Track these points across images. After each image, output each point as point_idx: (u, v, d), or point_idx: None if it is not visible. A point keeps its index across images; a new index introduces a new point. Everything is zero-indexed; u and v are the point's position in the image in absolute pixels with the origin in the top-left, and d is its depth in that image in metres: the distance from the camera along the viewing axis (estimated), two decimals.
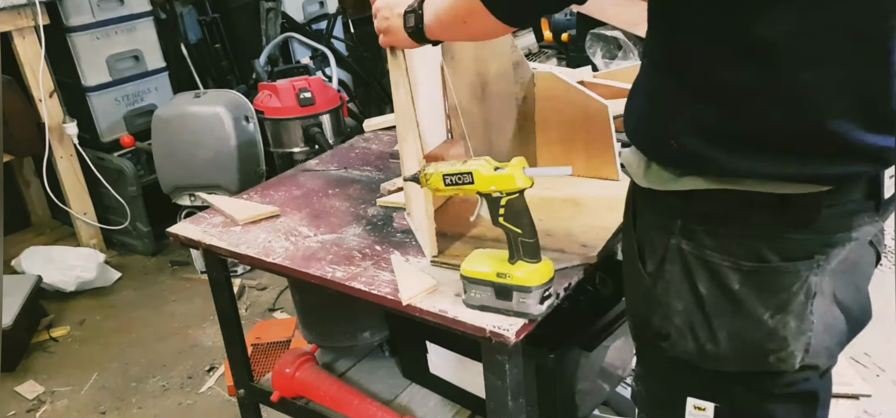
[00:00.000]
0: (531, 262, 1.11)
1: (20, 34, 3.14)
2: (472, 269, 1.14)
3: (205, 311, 2.99)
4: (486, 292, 1.13)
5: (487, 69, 1.53)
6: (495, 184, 1.09)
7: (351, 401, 1.61)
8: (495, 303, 1.13)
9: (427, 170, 1.18)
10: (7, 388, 2.64)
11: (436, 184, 1.16)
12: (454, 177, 1.13)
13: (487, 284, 1.13)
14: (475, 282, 1.14)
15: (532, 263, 1.11)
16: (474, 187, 1.12)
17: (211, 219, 1.62)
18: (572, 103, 1.50)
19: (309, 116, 3.08)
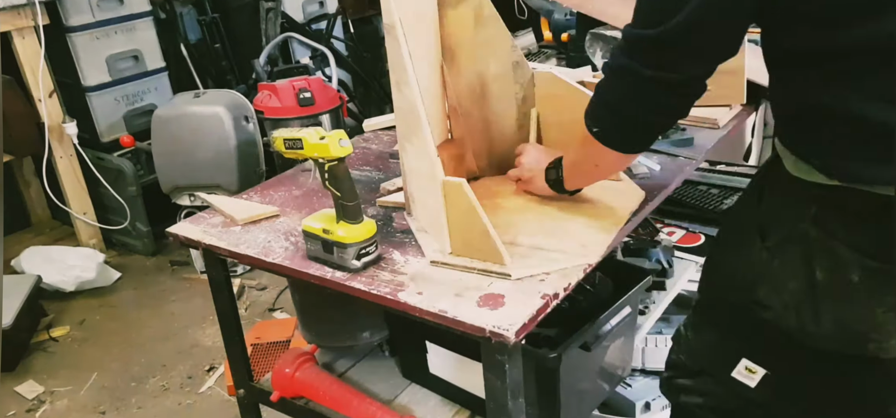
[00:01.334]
0: (352, 223, 1.26)
1: (20, 34, 3.14)
2: (309, 225, 1.33)
3: (204, 311, 2.99)
4: (317, 245, 1.32)
5: (487, 69, 1.53)
6: (318, 151, 1.25)
7: (351, 401, 1.61)
8: (323, 255, 1.31)
9: (274, 134, 1.34)
10: (7, 388, 2.63)
11: (279, 146, 1.32)
12: (290, 142, 1.29)
13: (317, 238, 1.31)
14: (309, 235, 1.33)
15: (353, 224, 1.26)
16: (304, 152, 1.27)
17: (211, 219, 1.62)
18: (572, 103, 1.49)
19: (309, 116, 3.08)
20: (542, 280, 1.21)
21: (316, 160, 1.27)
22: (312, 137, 1.26)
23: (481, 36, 1.49)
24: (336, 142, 1.24)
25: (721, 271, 1.24)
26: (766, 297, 1.10)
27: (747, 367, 1.18)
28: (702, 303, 1.32)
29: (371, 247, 1.29)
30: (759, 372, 1.17)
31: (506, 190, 1.56)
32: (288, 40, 4.00)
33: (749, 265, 1.13)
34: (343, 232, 1.27)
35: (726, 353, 1.22)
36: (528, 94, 1.54)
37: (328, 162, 1.25)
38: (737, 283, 1.16)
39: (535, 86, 1.54)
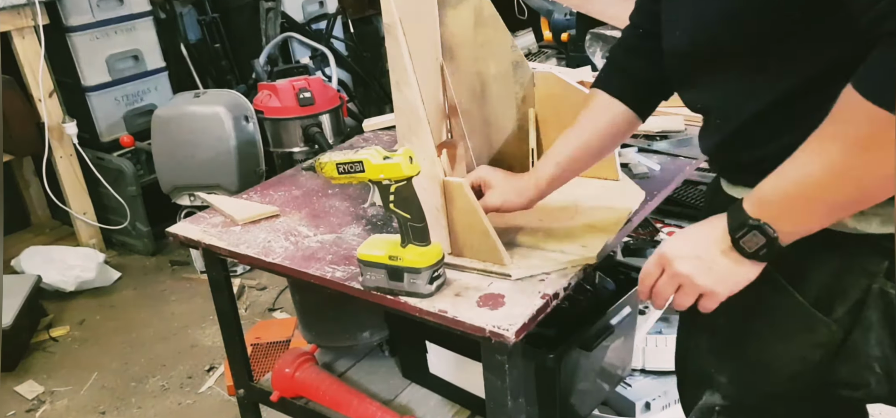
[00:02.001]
0: (421, 245, 1.17)
1: (20, 34, 3.14)
2: (366, 253, 1.22)
3: (204, 311, 2.99)
4: (379, 274, 1.21)
5: (487, 69, 1.53)
6: (384, 172, 1.15)
7: (351, 401, 1.61)
8: (389, 284, 1.21)
9: (321, 159, 1.23)
10: (7, 388, 2.63)
11: (330, 172, 1.21)
12: (346, 166, 1.19)
13: (381, 266, 1.20)
14: (369, 264, 1.22)
15: (422, 246, 1.17)
16: (365, 175, 1.17)
17: (210, 219, 1.62)
18: (572, 103, 1.49)
19: (308, 116, 3.08)
20: (542, 280, 1.21)
21: (379, 182, 1.16)
22: (375, 158, 1.15)
23: (481, 36, 1.49)
24: (407, 160, 1.14)
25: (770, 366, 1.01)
26: (852, 375, 0.95)
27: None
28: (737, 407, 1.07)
29: (441, 269, 1.20)
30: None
31: None
32: (288, 40, 4.00)
33: (815, 346, 0.96)
34: (413, 256, 1.17)
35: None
36: (528, 94, 1.54)
37: (396, 182, 1.14)
38: (800, 369, 0.98)
39: (535, 86, 1.54)
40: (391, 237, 1.22)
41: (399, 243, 1.18)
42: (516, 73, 1.52)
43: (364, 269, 1.23)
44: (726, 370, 1.07)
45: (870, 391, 0.96)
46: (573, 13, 3.02)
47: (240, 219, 1.56)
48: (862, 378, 0.95)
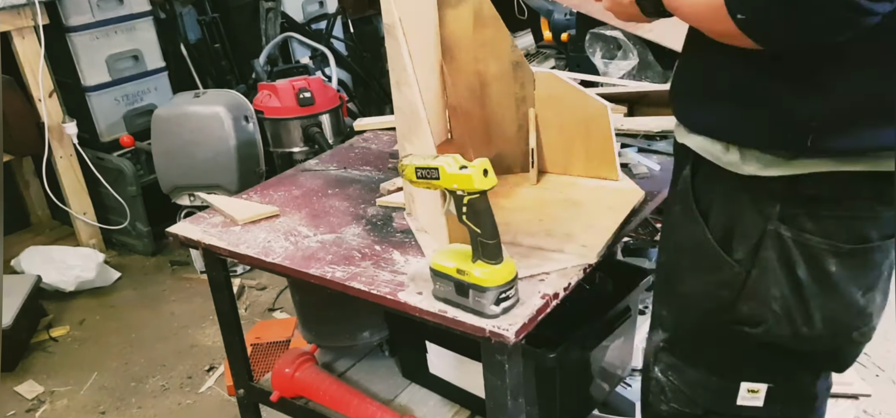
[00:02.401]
0: (491, 263, 1.12)
1: (20, 34, 3.14)
2: (438, 263, 1.18)
3: (204, 311, 2.99)
4: (448, 286, 1.17)
5: (487, 69, 1.53)
6: (458, 182, 1.11)
7: (350, 401, 1.61)
8: (455, 297, 1.16)
9: (404, 161, 1.21)
10: (7, 388, 2.63)
11: (409, 175, 1.19)
12: (424, 172, 1.16)
13: (449, 279, 1.16)
14: (439, 275, 1.18)
15: (492, 264, 1.12)
16: (440, 183, 1.14)
17: (210, 219, 1.62)
18: (572, 104, 1.50)
19: (308, 116, 3.08)
20: (542, 280, 1.21)
21: (453, 192, 1.13)
22: (451, 167, 1.12)
23: (481, 36, 1.49)
24: (480, 173, 1.10)
25: (688, 298, 1.12)
26: (752, 313, 1.03)
27: (749, 389, 1.11)
28: (673, 341, 1.17)
29: (511, 291, 1.13)
30: (761, 388, 1.10)
31: (506, 190, 1.56)
32: (288, 40, 4.00)
33: (722, 284, 1.05)
34: (481, 273, 1.12)
35: (724, 385, 1.12)
36: (528, 94, 1.54)
37: (469, 195, 1.11)
38: (712, 306, 1.07)
39: (535, 86, 1.54)
40: (465, 248, 1.17)
41: (470, 256, 1.14)
42: (516, 73, 1.52)
43: (434, 278, 1.19)
44: (665, 304, 1.18)
45: (769, 328, 1.02)
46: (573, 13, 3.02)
47: (240, 218, 1.56)
48: (761, 316, 1.02)
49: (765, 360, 1.08)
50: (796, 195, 0.96)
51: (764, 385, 1.10)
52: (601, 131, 1.49)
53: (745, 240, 1.01)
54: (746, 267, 1.01)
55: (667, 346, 1.17)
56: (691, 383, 1.15)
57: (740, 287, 1.03)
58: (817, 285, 0.98)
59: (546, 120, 1.56)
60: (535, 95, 1.55)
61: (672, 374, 1.17)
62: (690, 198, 1.07)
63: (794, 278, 0.99)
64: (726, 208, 1.03)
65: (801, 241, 0.97)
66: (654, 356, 1.21)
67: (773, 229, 0.98)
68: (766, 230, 0.98)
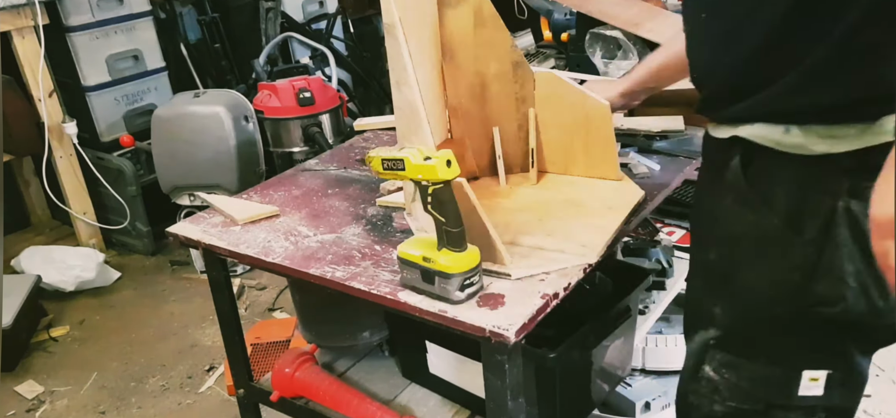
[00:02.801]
0: (456, 251, 1.15)
1: (19, 34, 3.14)
2: (405, 251, 1.22)
3: (204, 311, 2.99)
4: (414, 273, 1.20)
5: (487, 69, 1.53)
6: (422, 173, 1.14)
7: (350, 401, 1.61)
8: (422, 285, 1.20)
9: (371, 153, 1.24)
10: (7, 388, 2.64)
11: (376, 167, 1.22)
12: (390, 163, 1.19)
13: (416, 266, 1.19)
14: (406, 263, 1.21)
15: (456, 251, 1.15)
16: (405, 174, 1.17)
17: (210, 219, 1.62)
18: (572, 103, 1.50)
19: (308, 116, 3.08)
20: (542, 280, 1.21)
21: (418, 182, 1.16)
22: (415, 158, 1.15)
23: (481, 36, 1.49)
24: (443, 163, 1.13)
25: (750, 290, 1.09)
26: (829, 292, 1.01)
27: (811, 378, 1.08)
28: (729, 337, 1.14)
29: (475, 277, 1.17)
30: (821, 376, 1.08)
31: (506, 190, 1.56)
32: (288, 40, 4.00)
33: (792, 268, 1.02)
34: (446, 260, 1.15)
35: (786, 375, 1.10)
36: (528, 94, 1.54)
37: (433, 184, 1.14)
38: (781, 294, 1.05)
39: (535, 86, 1.54)
40: (431, 238, 1.20)
41: (435, 245, 1.17)
42: (516, 73, 1.52)
43: (401, 266, 1.23)
44: (718, 301, 1.14)
45: (847, 306, 1.00)
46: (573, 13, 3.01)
47: (239, 218, 1.56)
48: (838, 292, 1.00)
49: (829, 344, 1.06)
50: (865, 168, 0.93)
51: (824, 372, 1.08)
52: (602, 131, 1.49)
53: (815, 219, 0.99)
54: (819, 245, 0.99)
55: (720, 344, 1.14)
56: (751, 377, 1.13)
57: (813, 267, 1.01)
58: None
59: (546, 120, 1.56)
60: (535, 96, 1.55)
61: (727, 372, 1.14)
62: (745, 187, 1.05)
63: (867, 253, 0.95)
64: (791, 191, 1.01)
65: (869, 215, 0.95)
66: (704, 355, 1.17)
67: (843, 205, 0.97)
68: (837, 207, 0.97)
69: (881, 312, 1.01)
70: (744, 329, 1.12)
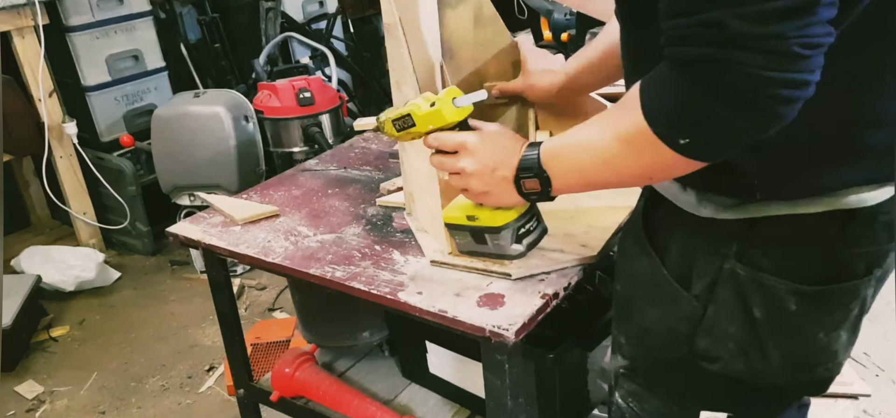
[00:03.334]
0: None
1: (19, 34, 3.14)
2: (451, 215, 1.13)
3: (204, 311, 2.99)
4: (466, 237, 1.11)
5: (487, 69, 1.53)
6: (432, 122, 1.06)
7: (350, 401, 1.61)
8: (477, 247, 1.11)
9: (381, 117, 1.16)
10: (6, 388, 2.64)
11: (390, 131, 1.14)
12: (400, 122, 1.10)
13: (464, 229, 1.11)
14: (454, 228, 1.12)
15: None
16: (418, 129, 1.08)
17: (210, 219, 1.62)
18: (572, 104, 1.49)
19: (308, 116, 3.08)
20: (542, 280, 1.21)
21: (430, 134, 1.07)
22: (423, 107, 1.04)
23: (481, 36, 1.49)
24: (448, 103, 1.02)
25: (646, 330, 1.09)
26: (708, 348, 1.01)
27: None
28: (633, 369, 1.14)
29: (531, 224, 1.05)
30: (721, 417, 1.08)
31: None
32: (288, 40, 4.00)
33: (680, 318, 1.02)
34: (489, 214, 1.05)
35: (683, 412, 1.10)
36: None
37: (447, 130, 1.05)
38: (671, 340, 1.05)
39: None
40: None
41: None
42: (516, 72, 1.52)
43: (453, 233, 1.11)
44: (622, 332, 1.15)
45: (726, 364, 1.00)
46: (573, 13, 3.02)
47: (239, 218, 1.56)
48: (717, 351, 1.00)
49: (723, 391, 1.05)
50: (754, 236, 0.93)
51: (723, 414, 1.07)
52: None
53: (703, 277, 0.98)
54: (704, 302, 0.99)
55: (627, 373, 1.16)
56: (650, 411, 1.14)
57: (697, 322, 1.00)
58: (774, 324, 0.95)
59: (546, 120, 1.56)
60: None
61: (632, 401, 1.16)
62: (642, 232, 1.06)
63: (750, 316, 0.96)
64: (683, 245, 1.01)
65: (758, 280, 0.94)
66: (616, 381, 1.19)
67: (729, 268, 0.95)
68: (723, 268, 0.96)
69: (763, 374, 1.00)
70: (643, 364, 1.13)
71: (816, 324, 0.95)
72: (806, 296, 0.93)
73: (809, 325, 0.95)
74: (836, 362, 0.99)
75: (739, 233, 0.94)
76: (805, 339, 0.96)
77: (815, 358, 0.98)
